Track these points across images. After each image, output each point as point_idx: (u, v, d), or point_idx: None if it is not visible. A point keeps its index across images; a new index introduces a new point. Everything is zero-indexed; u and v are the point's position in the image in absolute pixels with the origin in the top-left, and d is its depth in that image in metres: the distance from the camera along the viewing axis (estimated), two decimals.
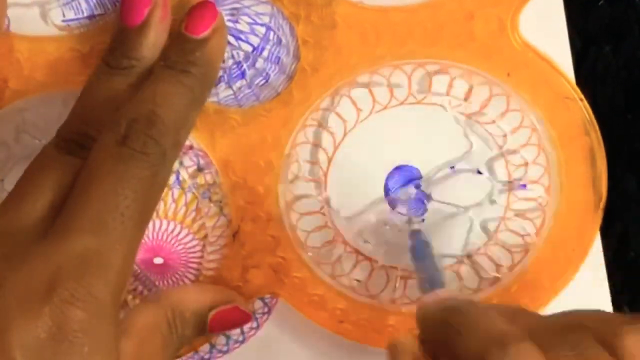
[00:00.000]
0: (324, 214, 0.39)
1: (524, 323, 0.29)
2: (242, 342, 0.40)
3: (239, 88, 0.37)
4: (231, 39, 0.36)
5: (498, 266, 0.39)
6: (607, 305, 0.40)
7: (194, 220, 0.38)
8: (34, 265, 0.29)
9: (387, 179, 0.38)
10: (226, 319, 0.37)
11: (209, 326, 0.36)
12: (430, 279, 0.36)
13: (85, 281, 0.28)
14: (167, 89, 0.32)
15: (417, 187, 0.38)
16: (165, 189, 0.38)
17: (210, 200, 0.38)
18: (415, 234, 0.38)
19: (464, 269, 0.39)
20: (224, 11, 0.35)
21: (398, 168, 0.38)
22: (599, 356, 0.27)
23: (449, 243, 0.39)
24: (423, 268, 0.37)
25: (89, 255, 0.29)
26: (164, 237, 0.39)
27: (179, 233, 0.39)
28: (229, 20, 0.36)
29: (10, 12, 0.35)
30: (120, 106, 0.32)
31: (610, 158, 0.37)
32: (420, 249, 0.37)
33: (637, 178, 0.40)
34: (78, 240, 0.29)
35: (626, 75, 0.39)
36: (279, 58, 0.36)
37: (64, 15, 0.36)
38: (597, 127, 0.37)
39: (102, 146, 0.31)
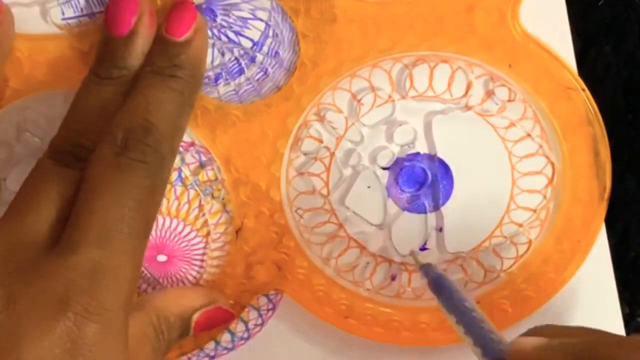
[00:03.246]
0: (327, 210, 0.39)
1: None
2: (247, 338, 0.40)
3: (239, 84, 0.37)
4: (231, 35, 0.36)
5: (503, 259, 0.39)
6: (613, 297, 0.39)
7: (196, 217, 0.38)
8: (45, 280, 0.29)
9: (393, 176, 0.38)
10: (210, 320, 0.37)
11: (194, 328, 0.36)
12: (467, 323, 0.32)
13: (98, 294, 0.29)
14: (158, 96, 0.32)
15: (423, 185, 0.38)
16: (168, 186, 0.38)
17: (212, 196, 0.38)
18: (427, 269, 0.37)
19: (469, 263, 0.39)
20: (221, 6, 0.35)
21: (404, 168, 0.38)
22: None
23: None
24: (447, 301, 0.34)
25: (99, 268, 0.29)
26: (167, 235, 0.39)
27: (182, 230, 0.39)
28: (226, 15, 0.36)
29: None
30: (113, 115, 0.32)
31: (611, 158, 0.37)
32: (437, 282, 0.36)
33: (637, 178, 0.40)
34: (87, 254, 0.29)
35: (626, 75, 0.39)
36: (279, 53, 0.36)
37: (63, 14, 0.36)
38: (599, 117, 0.37)
39: (101, 158, 0.31)
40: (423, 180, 0.38)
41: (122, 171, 0.30)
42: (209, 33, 0.36)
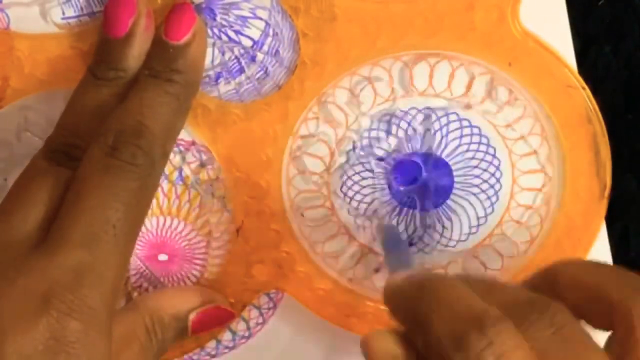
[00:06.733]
0: (327, 208, 0.39)
1: (499, 298, 0.27)
2: (249, 337, 0.40)
3: (240, 83, 0.37)
4: (231, 34, 0.36)
5: (504, 257, 0.39)
6: None
7: (197, 217, 0.38)
8: (29, 277, 0.29)
9: (392, 172, 0.38)
10: (207, 319, 0.37)
11: (192, 328, 0.36)
12: (401, 263, 0.34)
13: (81, 293, 0.29)
14: (153, 99, 0.32)
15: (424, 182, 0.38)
16: (169, 185, 0.38)
17: (213, 196, 0.38)
18: (389, 227, 0.38)
19: (469, 261, 0.39)
20: (221, 5, 0.35)
21: (401, 162, 0.38)
22: (575, 332, 0.26)
23: (454, 234, 0.39)
24: (394, 258, 0.36)
25: (84, 268, 0.29)
26: (168, 234, 0.39)
27: (183, 229, 0.39)
28: (226, 14, 0.36)
29: (10, 11, 0.36)
30: (107, 117, 0.32)
31: (611, 158, 0.37)
32: (393, 241, 0.37)
33: (637, 178, 0.40)
34: (71, 254, 0.29)
35: (626, 75, 0.39)
36: (279, 52, 0.36)
37: (63, 13, 0.36)
38: (599, 115, 0.37)
39: (91, 158, 0.31)
40: (417, 177, 0.38)
41: (111, 173, 0.30)
42: (209, 32, 0.36)
